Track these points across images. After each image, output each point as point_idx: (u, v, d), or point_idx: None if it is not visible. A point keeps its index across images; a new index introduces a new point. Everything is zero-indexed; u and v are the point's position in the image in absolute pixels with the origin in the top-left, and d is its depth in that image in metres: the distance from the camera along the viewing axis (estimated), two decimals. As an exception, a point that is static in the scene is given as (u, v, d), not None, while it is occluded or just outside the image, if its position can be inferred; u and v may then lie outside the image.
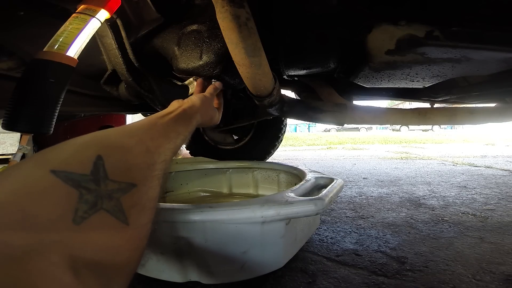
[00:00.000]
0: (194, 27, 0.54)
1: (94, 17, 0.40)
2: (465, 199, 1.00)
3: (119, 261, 0.22)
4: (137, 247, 0.24)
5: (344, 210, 0.89)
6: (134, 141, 0.28)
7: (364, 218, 0.81)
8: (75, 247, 0.19)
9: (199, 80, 0.57)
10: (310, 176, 0.66)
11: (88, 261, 0.20)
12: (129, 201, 0.24)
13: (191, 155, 1.42)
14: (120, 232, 0.23)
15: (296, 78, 0.96)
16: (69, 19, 0.39)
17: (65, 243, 0.19)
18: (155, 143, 0.31)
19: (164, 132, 0.34)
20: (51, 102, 0.37)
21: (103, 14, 0.42)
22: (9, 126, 0.35)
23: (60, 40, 0.37)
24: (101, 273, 0.21)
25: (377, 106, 0.85)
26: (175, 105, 0.41)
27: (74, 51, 0.38)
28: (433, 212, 0.86)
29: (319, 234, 0.69)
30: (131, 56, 0.53)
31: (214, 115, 0.51)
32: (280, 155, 2.93)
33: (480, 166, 1.80)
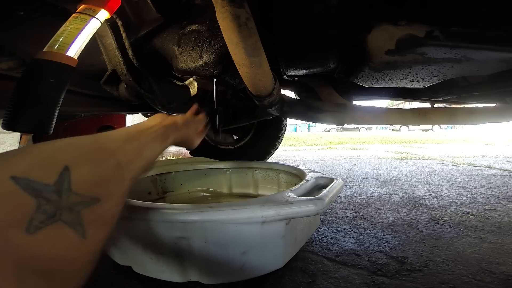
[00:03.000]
0: (194, 27, 0.54)
1: (94, 17, 0.40)
2: (465, 199, 1.00)
3: (71, 272, 0.22)
4: (90, 261, 0.24)
5: (344, 210, 0.89)
6: (106, 155, 0.28)
7: (364, 218, 0.81)
8: (24, 256, 0.19)
9: (194, 106, 0.58)
10: (310, 176, 0.66)
11: (38, 270, 0.19)
12: (90, 215, 0.23)
13: (191, 155, 1.42)
14: (76, 244, 0.22)
15: (296, 78, 0.96)
16: (69, 19, 0.39)
17: (13, 250, 0.18)
18: (128, 159, 0.30)
19: (139, 148, 0.33)
20: (51, 102, 0.37)
21: (103, 14, 0.42)
22: (9, 126, 0.35)
23: (60, 40, 0.37)
24: (50, 282, 0.20)
25: (377, 106, 0.85)
26: (157, 120, 0.40)
27: (74, 51, 0.38)
28: (433, 212, 0.86)
29: (319, 234, 0.69)
30: (131, 56, 0.53)
31: (193, 141, 0.51)
32: (280, 155, 2.93)
33: (480, 166, 1.80)
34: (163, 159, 2.66)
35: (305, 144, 4.60)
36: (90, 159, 0.26)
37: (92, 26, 0.40)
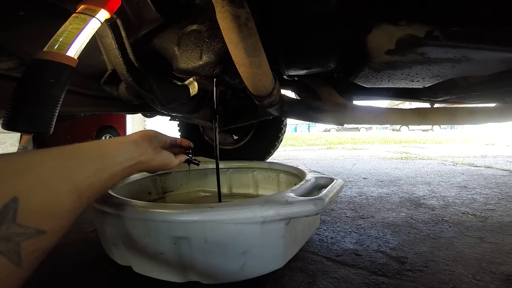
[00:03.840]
0: (194, 27, 0.54)
1: (94, 17, 0.40)
2: (465, 199, 1.00)
3: None
4: (19, 285, 0.23)
5: (344, 210, 0.89)
6: (67, 187, 0.26)
7: (364, 218, 0.81)
8: None
9: (183, 158, 0.54)
10: (310, 176, 0.66)
11: None
12: (31, 246, 0.23)
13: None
14: (8, 272, 0.21)
15: (296, 78, 0.96)
16: (69, 19, 0.39)
17: None
18: (92, 192, 0.29)
19: (106, 181, 0.31)
20: (51, 102, 0.37)
21: (103, 14, 0.42)
22: (9, 126, 0.35)
23: (60, 40, 0.37)
24: None
25: (377, 106, 0.85)
26: (133, 154, 0.38)
27: (74, 51, 0.38)
28: (433, 212, 0.86)
29: (319, 234, 0.69)
30: (131, 56, 0.53)
31: (165, 168, 0.48)
32: (280, 155, 2.93)
33: (480, 166, 1.80)
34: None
35: (305, 144, 4.60)
36: (46, 190, 0.24)
37: (92, 26, 0.40)
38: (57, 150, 0.28)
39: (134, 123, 4.78)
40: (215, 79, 0.60)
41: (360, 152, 3.04)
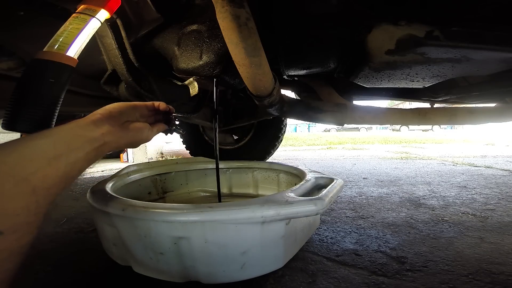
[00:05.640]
0: (194, 27, 0.54)
1: (94, 17, 0.40)
2: (465, 199, 1.00)
3: None
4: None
5: (344, 210, 0.89)
6: (13, 182, 0.24)
7: (364, 218, 0.81)
8: None
9: (162, 127, 0.48)
10: (310, 176, 0.66)
11: None
12: None
13: (191, 155, 1.42)
14: None
15: (296, 78, 0.96)
16: (69, 19, 0.39)
17: None
18: (48, 184, 0.26)
19: (66, 170, 0.28)
20: (51, 102, 0.37)
21: (103, 14, 0.42)
22: (9, 126, 0.35)
23: (60, 40, 0.37)
24: None
25: (377, 106, 0.85)
26: (94, 135, 0.33)
27: (74, 51, 0.38)
28: (433, 212, 0.86)
29: (319, 234, 0.69)
30: (131, 56, 0.53)
31: (141, 142, 0.43)
32: (280, 155, 2.93)
33: (480, 166, 1.80)
34: (163, 159, 2.66)
35: (305, 144, 4.60)
36: None
37: (92, 26, 0.40)
38: None
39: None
40: (215, 79, 0.60)
41: (360, 152, 3.04)
